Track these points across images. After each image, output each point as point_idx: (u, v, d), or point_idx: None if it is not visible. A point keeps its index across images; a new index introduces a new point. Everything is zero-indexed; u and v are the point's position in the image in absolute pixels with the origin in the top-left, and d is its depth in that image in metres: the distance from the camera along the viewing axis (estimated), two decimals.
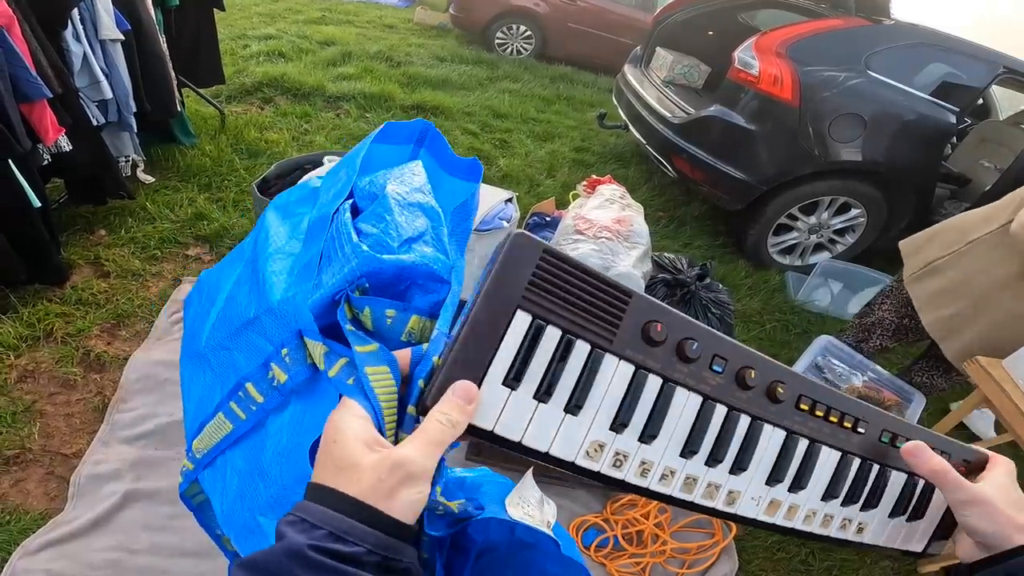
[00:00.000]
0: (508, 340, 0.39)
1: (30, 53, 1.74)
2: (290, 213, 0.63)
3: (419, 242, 0.50)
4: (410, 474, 0.35)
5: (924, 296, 1.93)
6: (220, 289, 0.63)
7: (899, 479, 0.53)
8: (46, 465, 1.57)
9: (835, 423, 0.50)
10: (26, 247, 1.90)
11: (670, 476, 0.44)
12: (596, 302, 0.41)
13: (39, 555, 1.37)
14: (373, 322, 0.46)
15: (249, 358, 0.53)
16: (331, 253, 0.49)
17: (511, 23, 6.87)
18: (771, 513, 0.48)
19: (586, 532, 1.73)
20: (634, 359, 0.42)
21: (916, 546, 0.56)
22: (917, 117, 2.99)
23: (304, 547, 0.32)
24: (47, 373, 1.79)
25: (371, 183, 0.54)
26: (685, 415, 0.44)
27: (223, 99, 3.78)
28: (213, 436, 0.57)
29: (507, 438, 0.40)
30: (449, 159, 0.65)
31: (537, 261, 0.40)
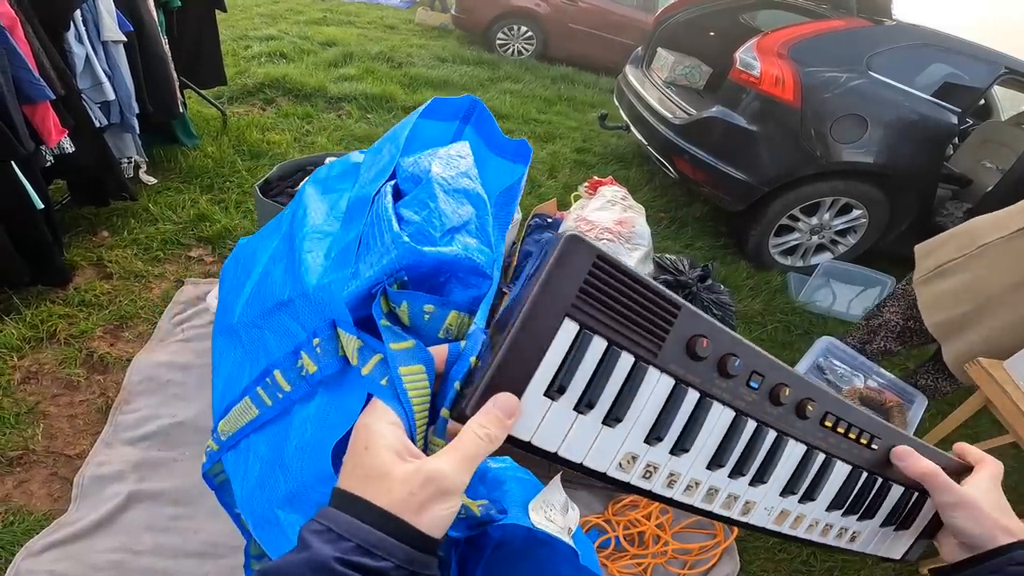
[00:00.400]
0: (554, 349, 0.38)
1: (32, 55, 1.75)
2: (329, 188, 0.61)
3: (462, 232, 0.48)
4: (442, 489, 0.34)
5: (930, 297, 1.93)
6: (256, 262, 0.61)
7: (897, 492, 0.55)
8: (50, 466, 1.58)
9: (853, 439, 0.51)
10: (29, 248, 1.90)
11: (695, 487, 0.45)
12: (645, 313, 0.40)
13: (43, 556, 1.38)
14: (410, 317, 0.44)
15: (280, 341, 0.52)
16: (370, 240, 0.47)
17: (512, 24, 6.87)
18: (779, 522, 0.50)
19: (588, 533, 1.73)
20: (675, 373, 0.42)
21: (895, 553, 0.57)
22: (919, 118, 2.99)
23: (331, 559, 0.31)
24: (50, 374, 1.80)
25: (415, 164, 0.52)
26: (717, 429, 0.44)
27: (225, 100, 3.79)
28: (239, 420, 0.57)
29: (544, 449, 0.39)
30: (497, 138, 0.63)
31: (590, 267, 0.38)
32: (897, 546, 0.57)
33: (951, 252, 1.91)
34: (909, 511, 0.55)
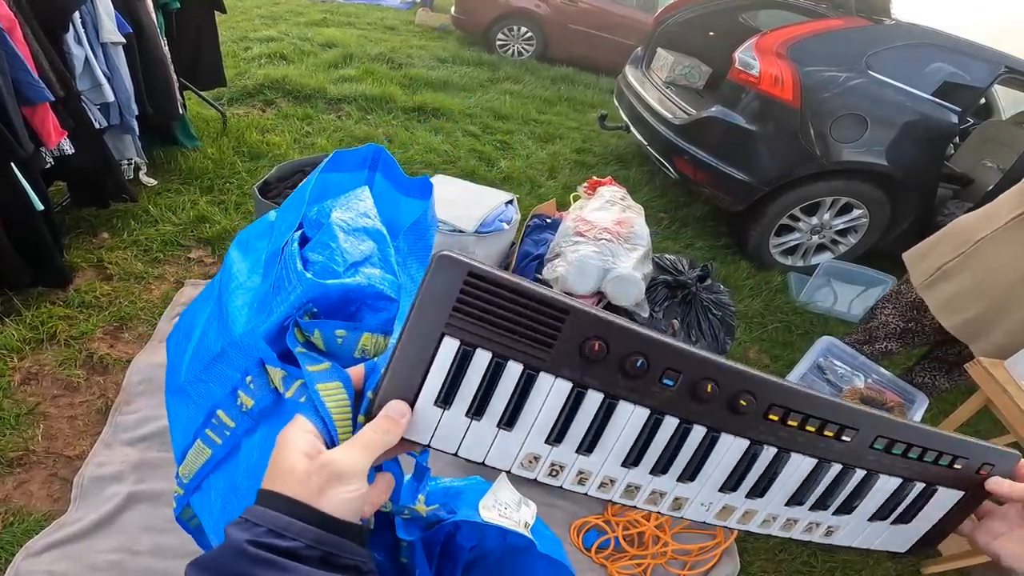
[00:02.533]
0: (437, 364, 0.40)
1: (32, 56, 1.75)
2: (251, 249, 0.67)
3: (365, 265, 0.53)
4: (336, 472, 0.37)
5: (940, 300, 1.91)
6: (195, 325, 0.67)
7: (890, 484, 0.50)
8: (49, 467, 1.58)
9: (812, 432, 0.47)
10: (29, 250, 1.90)
11: (610, 484, 0.45)
12: (529, 322, 0.40)
13: (42, 556, 1.38)
14: (325, 343, 0.49)
15: (222, 387, 0.57)
16: (280, 283, 0.52)
17: (512, 24, 6.87)
18: (723, 517, 0.48)
19: (587, 534, 1.73)
20: (571, 377, 0.41)
21: (899, 547, 0.55)
22: (919, 117, 2.98)
23: (243, 543, 0.34)
24: (50, 375, 1.80)
25: (319, 212, 0.57)
26: (629, 427, 0.43)
27: (225, 101, 3.79)
28: (195, 462, 0.61)
29: (443, 450, 0.42)
30: (402, 181, 0.68)
31: (461, 285, 0.38)
32: (897, 540, 0.54)
33: (948, 253, 1.89)
34: (909, 506, 0.52)
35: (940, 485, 0.51)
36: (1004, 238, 1.75)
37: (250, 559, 0.34)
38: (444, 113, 4.53)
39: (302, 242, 0.55)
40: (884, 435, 0.49)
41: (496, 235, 2.14)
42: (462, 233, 2.03)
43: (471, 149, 4.04)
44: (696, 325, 2.10)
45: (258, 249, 0.65)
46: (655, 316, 2.06)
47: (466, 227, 2.03)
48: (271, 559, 0.34)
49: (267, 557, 0.34)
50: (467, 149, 4.02)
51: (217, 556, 0.35)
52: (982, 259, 1.80)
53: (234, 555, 0.35)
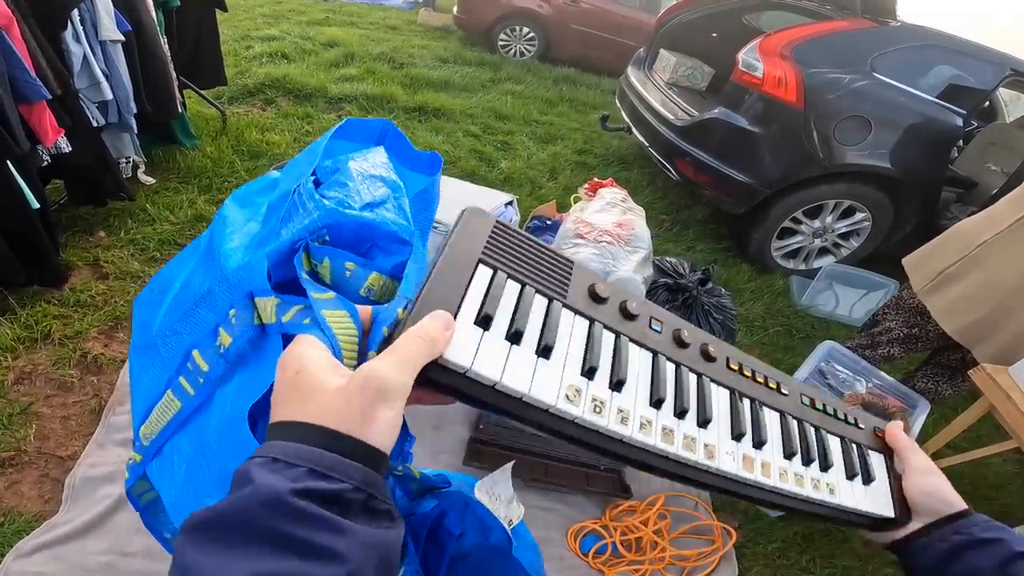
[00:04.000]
0: (474, 287, 0.40)
1: (29, 54, 1.74)
2: (249, 202, 0.62)
3: (380, 207, 0.50)
4: (382, 390, 0.31)
5: (942, 305, 1.89)
6: (174, 280, 0.61)
7: (835, 442, 0.57)
8: (41, 467, 1.57)
9: (762, 384, 0.54)
10: (25, 248, 1.89)
11: (648, 426, 0.44)
12: (546, 265, 0.45)
13: (32, 557, 1.37)
14: (332, 273, 0.46)
15: (200, 332, 0.51)
16: (292, 212, 0.48)
17: (514, 25, 6.86)
18: (748, 468, 0.48)
19: (584, 538, 1.71)
20: (585, 313, 0.45)
21: (887, 511, 0.56)
22: (923, 120, 2.96)
23: (284, 492, 0.27)
24: (44, 375, 1.79)
25: (333, 162, 0.55)
26: (643, 368, 0.46)
27: (225, 100, 3.78)
28: (161, 418, 0.54)
29: (485, 377, 0.37)
30: (409, 155, 0.67)
31: (491, 230, 0.44)
32: (880, 503, 0.56)
33: (949, 257, 1.87)
34: (861, 462, 0.57)
35: (863, 444, 0.59)
36: (1007, 241, 1.73)
37: (293, 513, 0.26)
38: (445, 113, 4.52)
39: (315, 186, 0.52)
40: (804, 393, 0.58)
41: None
42: None
43: (472, 149, 4.03)
44: None
45: (258, 203, 0.61)
46: None
47: None
48: (319, 514, 0.27)
49: (316, 512, 0.27)
50: (468, 149, 4.01)
51: (239, 512, 0.27)
52: (984, 263, 1.78)
53: (270, 507, 0.26)
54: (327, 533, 0.27)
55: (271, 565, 0.25)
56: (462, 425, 1.91)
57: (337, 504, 0.28)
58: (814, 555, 1.82)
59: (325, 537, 0.26)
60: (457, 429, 1.90)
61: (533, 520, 1.71)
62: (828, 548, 1.86)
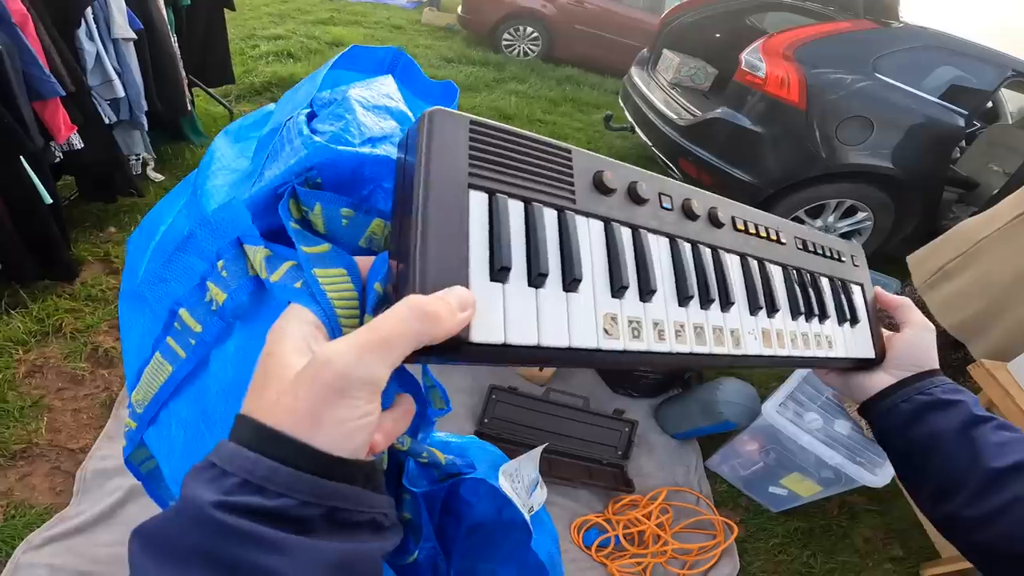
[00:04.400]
0: (474, 225, 0.33)
1: (44, 51, 1.76)
2: (241, 137, 0.55)
3: (386, 142, 0.42)
4: (338, 383, 0.25)
5: (939, 300, 1.91)
6: (162, 220, 0.54)
7: (826, 283, 0.56)
8: (52, 460, 1.58)
9: (764, 238, 0.51)
10: (37, 243, 1.92)
11: (683, 331, 0.41)
12: (543, 165, 0.38)
13: (43, 549, 1.38)
14: (325, 222, 0.38)
15: (187, 283, 0.44)
16: (277, 149, 0.40)
17: (518, 25, 6.88)
18: (768, 344, 0.47)
19: (587, 532, 1.73)
20: (598, 213, 0.39)
21: (868, 352, 0.56)
22: (925, 120, 2.98)
23: (207, 506, 0.23)
24: (55, 368, 1.81)
25: (332, 92, 0.46)
26: (663, 260, 0.42)
27: (232, 98, 3.81)
28: (153, 382, 0.48)
29: (524, 344, 0.32)
30: (423, 85, 0.58)
31: (469, 134, 0.34)
32: (863, 343, 0.56)
33: (950, 253, 1.90)
34: (848, 303, 0.57)
35: (847, 280, 0.59)
36: (1003, 238, 1.76)
37: (218, 530, 0.23)
38: None
39: (309, 119, 0.44)
40: (798, 236, 0.56)
41: None
42: None
43: None
44: None
45: (251, 138, 0.53)
46: None
47: None
48: (251, 530, 0.23)
49: (245, 528, 0.23)
50: None
51: (169, 524, 0.24)
52: (981, 259, 1.80)
53: (192, 523, 0.23)
54: (262, 552, 0.23)
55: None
56: (466, 419, 1.94)
57: (280, 521, 0.24)
58: (815, 550, 1.84)
59: (259, 557, 0.23)
60: (461, 423, 1.92)
61: None
62: (829, 543, 1.88)
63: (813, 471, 1.75)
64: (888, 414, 0.53)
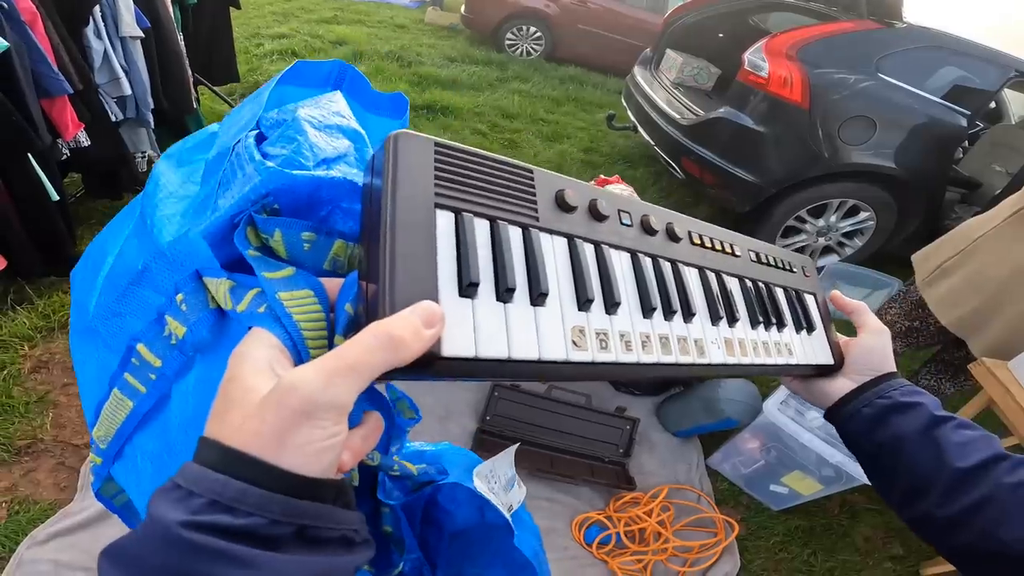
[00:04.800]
0: (442, 243, 0.33)
1: (52, 49, 1.78)
2: (184, 161, 0.53)
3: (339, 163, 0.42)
4: (304, 407, 0.25)
5: (937, 297, 1.92)
6: (107, 252, 0.52)
7: (781, 294, 0.58)
8: (57, 455, 1.59)
9: (720, 251, 0.54)
10: (43, 239, 1.93)
11: (649, 342, 0.42)
12: (507, 184, 0.39)
13: (47, 545, 1.38)
14: (287, 248, 0.37)
15: (144, 318, 0.43)
16: (230, 177, 0.39)
17: (521, 24, 6.89)
18: (731, 354, 0.48)
19: (589, 529, 1.74)
20: (561, 230, 0.41)
21: (825, 359, 0.58)
22: (928, 120, 2.98)
23: (174, 525, 0.23)
24: (61, 364, 1.82)
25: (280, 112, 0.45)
26: (626, 274, 0.44)
27: (236, 97, 3.82)
28: (113, 419, 0.47)
29: (494, 358, 0.33)
30: (372, 98, 0.57)
31: (434, 156, 0.36)
32: (821, 351, 0.58)
33: (949, 251, 1.91)
34: (804, 311, 0.59)
35: (801, 290, 0.61)
36: (1000, 234, 1.76)
37: (187, 549, 0.23)
38: (452, 111, 4.55)
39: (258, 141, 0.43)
40: (751, 248, 0.58)
41: None
42: None
43: (479, 147, 4.05)
44: None
45: (196, 161, 0.52)
46: None
47: None
48: (219, 548, 0.23)
49: (214, 545, 0.23)
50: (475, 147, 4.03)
51: (137, 544, 0.24)
52: (977, 256, 1.81)
53: (161, 544, 0.23)
54: (233, 568, 0.23)
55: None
56: (468, 417, 1.95)
57: (251, 539, 0.24)
58: (815, 548, 1.85)
59: (231, 573, 0.23)
60: (464, 420, 1.93)
61: (538, 510, 1.74)
62: (829, 542, 1.89)
63: (814, 469, 1.76)
64: (851, 419, 0.54)
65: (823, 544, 1.87)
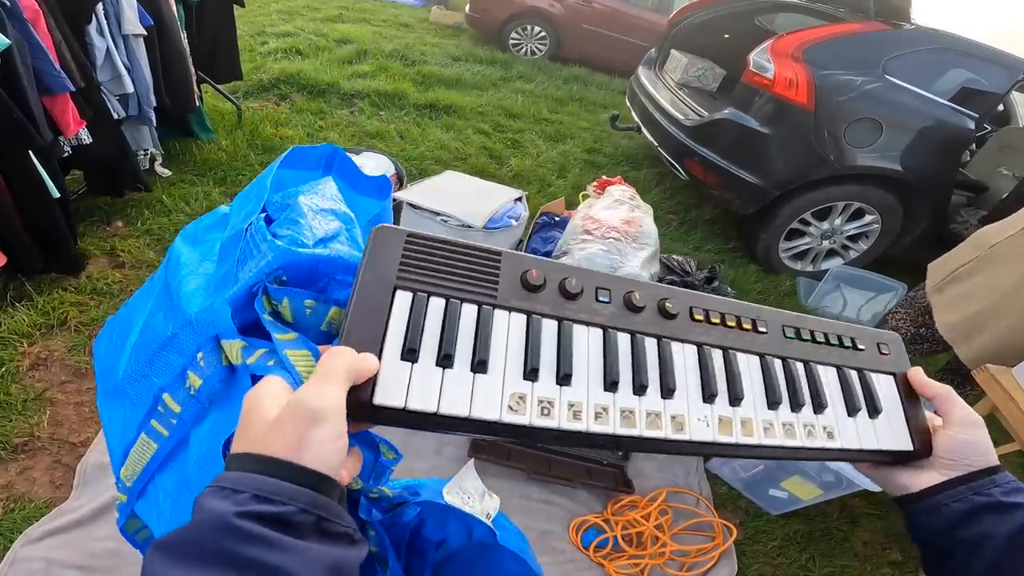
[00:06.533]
0: (395, 316, 0.40)
1: (54, 47, 1.78)
2: (200, 240, 0.63)
3: (334, 241, 0.51)
4: (311, 413, 0.33)
5: (944, 302, 1.92)
6: (132, 324, 0.62)
7: (830, 373, 0.53)
8: (53, 453, 1.59)
9: (735, 327, 0.50)
10: (44, 237, 1.94)
11: (604, 413, 0.42)
12: (470, 267, 0.44)
13: (41, 543, 1.38)
14: (292, 313, 0.47)
15: (167, 376, 0.52)
16: (246, 254, 0.50)
17: (526, 24, 6.88)
18: (726, 432, 0.45)
19: (586, 532, 1.73)
20: (522, 308, 0.43)
21: (901, 445, 0.51)
22: (935, 123, 2.95)
23: (229, 515, 0.29)
24: (59, 361, 1.83)
25: (283, 196, 0.56)
26: (592, 349, 0.44)
27: (240, 95, 3.83)
28: (139, 460, 0.56)
29: (422, 411, 0.38)
30: (359, 180, 0.67)
31: (404, 245, 0.43)
32: (893, 436, 0.51)
33: (963, 258, 1.90)
34: (865, 393, 0.52)
35: (865, 369, 0.54)
36: (1013, 244, 1.76)
37: (238, 534, 0.29)
38: (456, 110, 4.54)
39: (267, 222, 0.53)
40: (787, 324, 0.53)
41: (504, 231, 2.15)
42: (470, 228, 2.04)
43: (482, 147, 4.06)
44: None
45: (209, 240, 0.62)
46: None
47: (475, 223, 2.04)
48: (262, 534, 0.29)
49: (258, 532, 0.29)
50: (478, 146, 4.04)
51: (193, 534, 0.29)
52: (991, 263, 1.80)
53: (217, 530, 0.29)
54: (271, 551, 0.29)
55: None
56: None
57: (284, 525, 0.30)
58: (813, 553, 1.83)
59: (270, 555, 0.28)
60: None
61: (535, 513, 1.74)
62: (828, 546, 1.87)
63: (814, 474, 1.74)
64: (933, 512, 0.49)
65: (822, 549, 1.86)
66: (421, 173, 3.41)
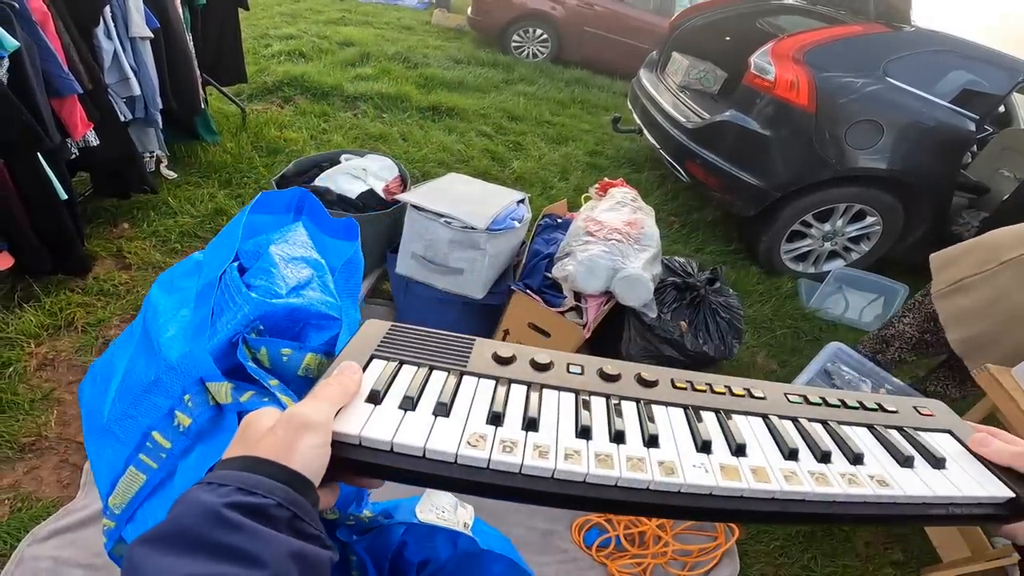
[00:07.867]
0: (367, 376, 0.43)
1: (62, 49, 1.80)
2: (175, 288, 0.65)
3: (307, 288, 0.54)
4: (304, 423, 0.36)
5: (951, 313, 1.90)
6: (115, 369, 0.64)
7: (859, 432, 0.46)
8: (61, 453, 1.60)
9: (725, 393, 0.47)
10: (51, 238, 1.96)
11: (576, 455, 0.38)
12: (445, 348, 0.47)
13: (48, 542, 1.39)
14: (271, 360, 0.50)
15: (155, 416, 0.55)
16: (223, 305, 0.52)
17: (528, 26, 6.90)
18: (732, 477, 0.39)
19: (588, 532, 1.74)
20: (490, 375, 0.45)
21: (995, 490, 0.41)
22: (936, 124, 2.96)
23: (219, 505, 0.31)
24: (67, 362, 1.84)
25: (255, 244, 0.58)
26: (564, 409, 0.43)
27: (244, 97, 3.86)
28: (127, 490, 0.58)
29: (377, 440, 0.38)
30: (327, 223, 0.69)
31: (387, 331, 0.47)
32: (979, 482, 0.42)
33: (971, 266, 1.88)
34: (916, 446, 0.45)
35: (907, 427, 0.48)
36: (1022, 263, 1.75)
37: (222, 522, 0.30)
38: (458, 113, 4.56)
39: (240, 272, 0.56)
40: (790, 392, 0.49)
41: (507, 233, 2.16)
42: (473, 230, 2.05)
43: (484, 149, 4.07)
44: (704, 327, 2.11)
45: (184, 288, 0.64)
46: (663, 317, 2.07)
47: (478, 224, 2.05)
48: (239, 522, 0.31)
49: (237, 520, 0.31)
50: (480, 149, 4.05)
51: (182, 524, 0.31)
52: (1004, 280, 1.78)
53: (204, 518, 0.31)
54: (250, 539, 0.30)
55: (203, 568, 0.29)
56: None
57: (262, 516, 0.32)
58: (815, 553, 1.84)
59: (248, 543, 0.30)
60: None
61: (537, 513, 1.75)
62: (830, 547, 1.88)
63: None
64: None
65: (823, 549, 1.86)
66: (424, 175, 3.42)
